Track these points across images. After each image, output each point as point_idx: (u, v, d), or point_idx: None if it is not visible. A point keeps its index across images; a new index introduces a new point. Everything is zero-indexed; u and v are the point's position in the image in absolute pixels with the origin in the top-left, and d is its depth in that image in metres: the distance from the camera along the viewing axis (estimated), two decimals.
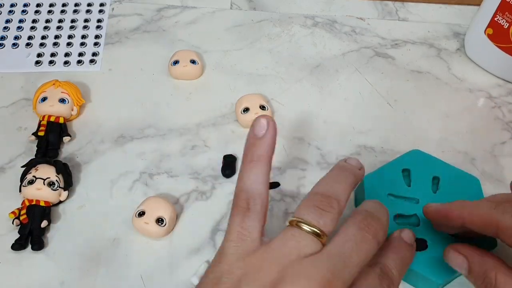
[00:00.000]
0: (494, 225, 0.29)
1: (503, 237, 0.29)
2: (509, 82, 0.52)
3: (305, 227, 0.28)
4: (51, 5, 0.57)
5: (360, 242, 0.28)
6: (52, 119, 0.46)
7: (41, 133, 0.45)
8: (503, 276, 0.28)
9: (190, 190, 0.44)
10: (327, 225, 0.29)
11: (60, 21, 0.56)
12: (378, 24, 0.57)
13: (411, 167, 0.42)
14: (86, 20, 0.56)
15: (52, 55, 0.53)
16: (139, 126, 0.48)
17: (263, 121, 0.32)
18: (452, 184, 0.41)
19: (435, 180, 0.41)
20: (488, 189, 0.45)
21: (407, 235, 0.33)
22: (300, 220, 0.29)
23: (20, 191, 0.42)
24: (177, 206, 0.43)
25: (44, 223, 0.40)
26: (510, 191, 0.36)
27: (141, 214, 0.40)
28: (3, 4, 0.57)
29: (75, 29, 0.55)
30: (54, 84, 0.47)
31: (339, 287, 0.26)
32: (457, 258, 0.31)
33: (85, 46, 0.54)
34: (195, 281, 0.38)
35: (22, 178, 0.42)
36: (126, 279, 0.39)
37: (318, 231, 0.28)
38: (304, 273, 0.26)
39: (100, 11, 0.57)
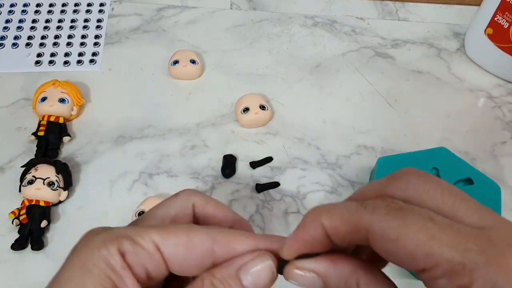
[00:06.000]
0: (363, 231, 0.21)
1: (375, 245, 0.21)
2: (509, 82, 0.52)
3: None
4: (51, 5, 0.57)
5: None
6: (52, 119, 0.46)
7: (41, 133, 0.45)
8: (365, 282, 0.22)
9: None
10: None
11: (60, 21, 0.56)
12: (378, 24, 0.57)
13: (439, 166, 0.41)
14: (86, 20, 0.56)
15: (52, 55, 0.53)
16: (138, 126, 0.48)
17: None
18: (470, 188, 0.40)
19: (458, 183, 0.41)
20: None
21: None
22: None
23: (19, 191, 0.42)
24: None
25: (43, 223, 0.40)
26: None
27: (141, 214, 0.40)
28: (3, 4, 0.57)
29: (75, 29, 0.55)
30: (54, 84, 0.47)
31: None
32: (304, 277, 0.23)
33: (85, 46, 0.54)
34: None
35: (22, 178, 0.42)
36: None
37: None
38: None
39: (100, 11, 0.57)
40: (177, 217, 0.27)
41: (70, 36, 0.54)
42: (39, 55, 0.53)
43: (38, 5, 0.57)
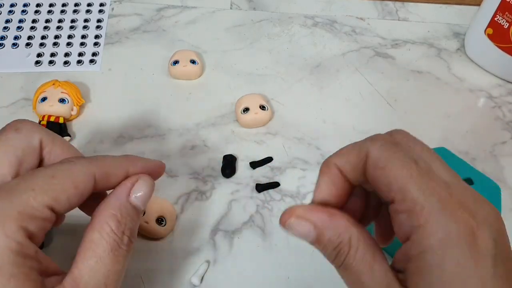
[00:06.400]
0: (364, 158, 0.25)
1: (368, 172, 0.25)
2: (509, 82, 0.52)
3: None
4: (51, 5, 0.57)
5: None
6: (52, 119, 0.46)
7: None
8: (357, 238, 0.24)
9: (190, 190, 0.44)
10: None
11: (60, 21, 0.56)
12: (378, 24, 0.57)
13: None
14: (86, 20, 0.56)
15: (52, 55, 0.53)
16: (138, 126, 0.48)
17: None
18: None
19: None
20: None
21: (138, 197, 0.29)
22: None
23: None
24: (177, 206, 0.43)
25: None
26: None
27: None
28: (3, 4, 0.57)
29: (75, 29, 0.55)
30: (54, 84, 0.47)
31: None
32: (302, 227, 0.25)
33: (85, 46, 0.54)
34: (195, 281, 0.38)
35: None
36: (126, 279, 0.39)
37: None
38: None
39: (100, 11, 0.57)
40: (23, 159, 0.28)
41: (70, 36, 0.54)
42: (39, 55, 0.53)
43: (38, 5, 0.57)
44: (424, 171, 0.23)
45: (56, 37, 0.54)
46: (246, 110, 0.47)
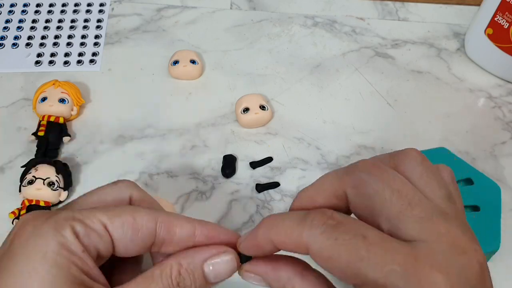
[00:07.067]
0: (304, 247, 0.23)
1: (315, 260, 0.23)
2: (509, 82, 0.52)
3: None
4: (51, 5, 0.57)
5: None
6: (52, 119, 0.46)
7: (41, 133, 0.45)
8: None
9: (190, 190, 0.44)
10: None
11: (60, 21, 0.56)
12: (378, 24, 0.57)
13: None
14: (86, 20, 0.56)
15: (52, 55, 0.53)
16: (138, 126, 0.48)
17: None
18: (470, 189, 0.40)
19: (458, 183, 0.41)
20: None
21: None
22: None
23: (20, 191, 0.42)
24: (177, 206, 0.43)
25: None
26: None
27: None
28: (3, 4, 0.57)
29: (75, 29, 0.55)
30: (54, 84, 0.47)
31: None
32: (253, 278, 0.27)
33: (85, 46, 0.54)
34: None
35: (22, 178, 0.42)
36: None
37: None
38: None
39: (100, 11, 0.57)
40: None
41: (70, 36, 0.54)
42: (39, 55, 0.53)
43: (38, 5, 0.57)
44: (377, 244, 0.21)
45: (56, 37, 0.54)
46: (246, 110, 0.47)
